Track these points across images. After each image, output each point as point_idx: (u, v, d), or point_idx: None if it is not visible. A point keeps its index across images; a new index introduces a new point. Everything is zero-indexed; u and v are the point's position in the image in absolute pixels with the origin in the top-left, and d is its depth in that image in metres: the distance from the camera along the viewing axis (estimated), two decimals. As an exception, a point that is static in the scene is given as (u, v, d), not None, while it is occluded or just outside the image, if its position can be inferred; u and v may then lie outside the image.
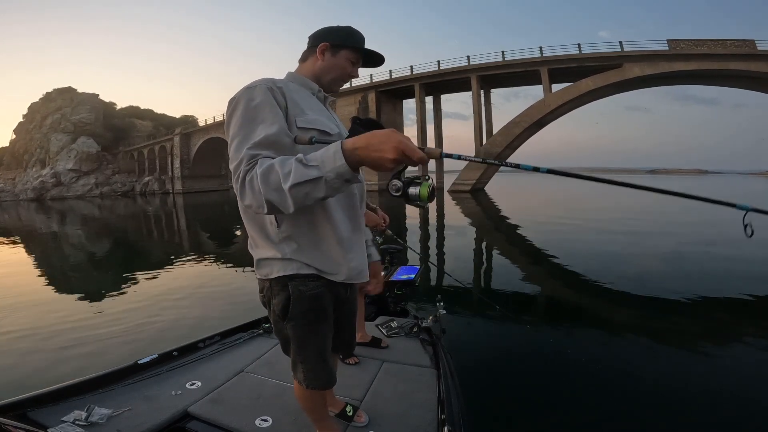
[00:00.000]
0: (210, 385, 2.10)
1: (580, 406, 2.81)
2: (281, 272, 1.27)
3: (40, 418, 1.66)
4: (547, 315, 5.00)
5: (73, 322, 4.60)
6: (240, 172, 1.04)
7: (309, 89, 1.34)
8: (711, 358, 3.54)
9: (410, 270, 3.82)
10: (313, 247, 1.26)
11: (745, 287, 5.58)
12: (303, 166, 0.97)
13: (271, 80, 1.20)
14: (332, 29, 1.33)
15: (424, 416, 1.87)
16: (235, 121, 1.13)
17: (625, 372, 3.28)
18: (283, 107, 1.17)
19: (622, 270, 6.73)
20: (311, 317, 1.31)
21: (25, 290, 6.38)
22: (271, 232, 1.26)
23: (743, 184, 61.19)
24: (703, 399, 2.86)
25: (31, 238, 14.58)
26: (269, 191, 0.98)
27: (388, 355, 2.54)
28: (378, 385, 2.18)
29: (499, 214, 17.33)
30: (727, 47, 27.23)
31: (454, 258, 8.62)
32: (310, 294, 1.28)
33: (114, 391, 1.96)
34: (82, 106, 60.70)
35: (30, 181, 53.94)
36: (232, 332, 2.79)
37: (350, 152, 0.96)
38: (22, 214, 28.06)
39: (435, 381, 2.18)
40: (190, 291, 6.04)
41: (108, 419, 1.72)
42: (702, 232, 11.26)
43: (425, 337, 2.79)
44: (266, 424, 1.78)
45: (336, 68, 1.34)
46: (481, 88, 35.53)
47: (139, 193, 55.86)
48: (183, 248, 11.17)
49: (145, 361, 2.21)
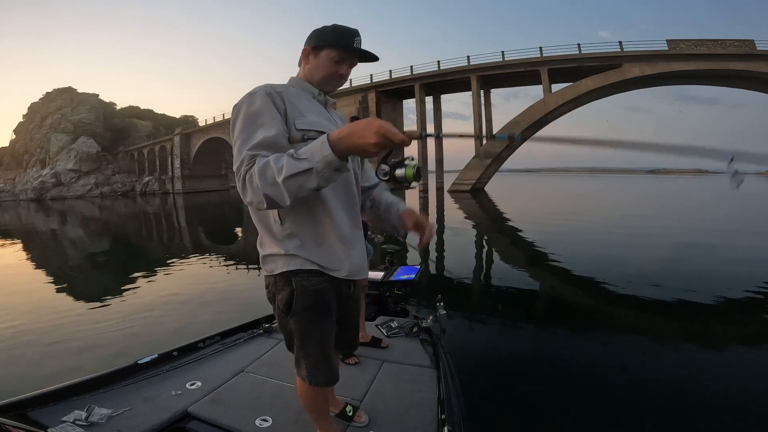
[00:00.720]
0: (210, 385, 2.10)
1: (580, 406, 2.81)
2: (285, 268, 1.31)
3: (40, 418, 1.66)
4: (547, 315, 5.00)
5: (73, 322, 4.59)
6: (241, 171, 1.11)
7: (310, 93, 1.39)
8: (711, 359, 3.54)
9: (410, 270, 3.82)
10: (315, 244, 1.31)
11: (745, 287, 5.58)
12: (294, 160, 1.04)
13: (270, 86, 1.26)
14: (315, 32, 1.36)
15: (424, 416, 1.87)
16: (238, 126, 1.19)
17: (625, 372, 3.28)
18: (282, 111, 1.23)
19: (622, 270, 6.72)
20: (314, 312, 1.34)
21: (24, 289, 6.39)
22: (275, 230, 1.31)
23: (743, 183, 61.00)
24: (703, 399, 2.86)
25: (31, 238, 14.59)
26: (266, 186, 1.05)
27: (388, 355, 2.54)
28: (378, 385, 2.18)
29: (499, 214, 17.33)
30: (726, 47, 27.23)
31: (454, 258, 8.61)
32: (314, 289, 1.31)
33: (114, 391, 1.96)
34: (82, 106, 60.81)
35: (30, 181, 53.99)
36: (232, 332, 2.80)
37: (336, 141, 1.03)
38: (22, 214, 28.09)
39: (435, 381, 2.18)
40: (190, 291, 6.04)
41: (108, 419, 1.72)
42: (703, 230, 11.26)
43: (425, 337, 2.79)
44: (266, 424, 1.78)
45: (320, 68, 1.36)
46: (480, 88, 35.53)
47: (139, 193, 55.93)
48: (183, 248, 11.17)
49: (145, 361, 2.21)
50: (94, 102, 63.18)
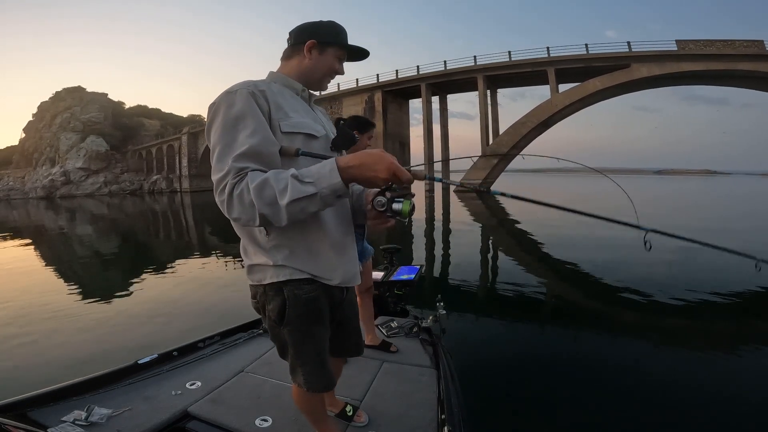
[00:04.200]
0: (210, 385, 2.10)
1: (580, 406, 2.80)
2: (274, 279, 1.24)
3: (40, 418, 1.68)
4: (547, 315, 4.98)
5: (74, 322, 4.61)
6: (226, 184, 1.04)
7: (293, 89, 1.30)
8: (712, 359, 3.51)
9: (410, 270, 3.82)
10: (306, 253, 1.24)
11: (747, 288, 5.53)
12: (299, 183, 1.00)
13: (252, 83, 1.17)
14: (317, 25, 1.29)
15: (424, 416, 1.87)
16: (216, 129, 1.11)
17: (626, 373, 3.26)
18: (266, 112, 1.14)
19: (624, 270, 6.67)
20: (308, 321, 1.29)
21: (28, 287, 6.42)
22: (261, 239, 1.23)
23: (751, 184, 60.59)
24: (703, 399, 2.84)
25: (40, 235, 14.70)
26: (263, 206, 1.00)
27: (388, 355, 2.55)
28: (378, 385, 2.18)
29: (504, 214, 17.23)
30: (736, 48, 27.01)
31: (454, 258, 8.57)
32: (306, 297, 1.25)
33: (114, 391, 1.97)
34: (92, 106, 61.33)
35: (39, 179, 54.54)
36: (232, 332, 2.80)
37: (344, 170, 1.01)
38: (31, 211, 28.35)
39: (435, 381, 2.18)
40: (191, 290, 6.05)
41: (108, 419, 1.73)
42: (711, 231, 11.15)
43: (425, 337, 2.79)
44: (266, 424, 1.79)
45: (324, 66, 1.30)
46: (487, 88, 35.45)
47: (147, 192, 56.24)
48: (188, 247, 11.23)
49: (145, 361, 2.22)
50: (103, 101, 63.66)
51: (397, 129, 40.88)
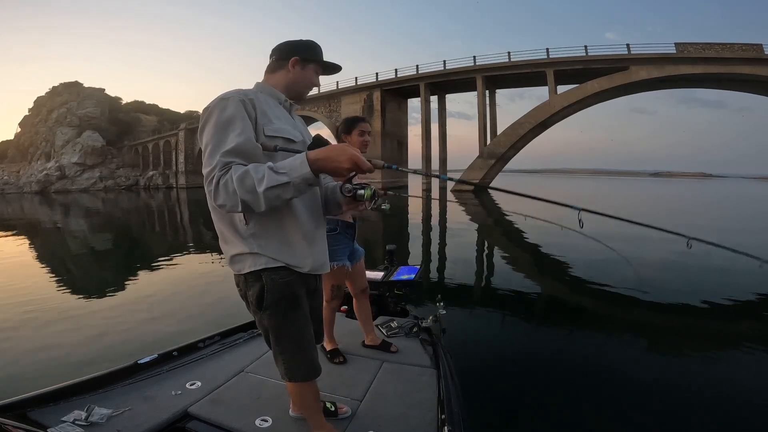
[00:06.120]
0: (210, 385, 2.09)
1: (579, 406, 2.81)
2: (252, 267, 1.37)
3: (40, 418, 1.66)
4: (547, 315, 4.99)
5: (73, 321, 4.57)
6: (213, 175, 1.18)
7: (276, 99, 1.47)
8: (710, 359, 3.54)
9: (410, 270, 3.81)
10: (280, 242, 1.38)
11: (747, 289, 5.56)
12: (274, 173, 1.15)
13: (243, 92, 1.33)
14: (299, 44, 1.49)
15: (424, 416, 1.87)
16: (209, 129, 1.26)
17: (625, 373, 3.28)
18: (253, 118, 1.30)
19: (623, 271, 6.68)
20: (286, 305, 1.41)
21: (24, 285, 6.37)
22: (240, 228, 1.36)
23: (747, 188, 60.94)
24: (703, 399, 2.86)
25: (33, 230, 14.62)
26: (244, 193, 1.14)
27: (388, 355, 2.54)
28: (378, 385, 2.17)
29: (501, 214, 17.28)
30: (734, 51, 27.18)
31: (454, 258, 8.59)
32: (282, 282, 1.38)
33: (114, 391, 1.96)
34: (88, 101, 60.91)
35: (34, 174, 54.18)
36: (232, 332, 2.79)
37: (313, 162, 1.16)
38: (25, 206, 28.19)
39: (435, 381, 2.17)
40: (190, 290, 6.03)
41: (108, 419, 1.72)
42: (703, 232, 11.19)
43: (425, 337, 2.78)
44: (266, 424, 1.78)
45: (305, 80, 1.50)
46: (486, 88, 35.50)
47: (143, 188, 56.12)
48: (184, 244, 11.20)
49: (145, 361, 2.21)
50: (100, 96, 63.22)
51: (396, 128, 40.91)
